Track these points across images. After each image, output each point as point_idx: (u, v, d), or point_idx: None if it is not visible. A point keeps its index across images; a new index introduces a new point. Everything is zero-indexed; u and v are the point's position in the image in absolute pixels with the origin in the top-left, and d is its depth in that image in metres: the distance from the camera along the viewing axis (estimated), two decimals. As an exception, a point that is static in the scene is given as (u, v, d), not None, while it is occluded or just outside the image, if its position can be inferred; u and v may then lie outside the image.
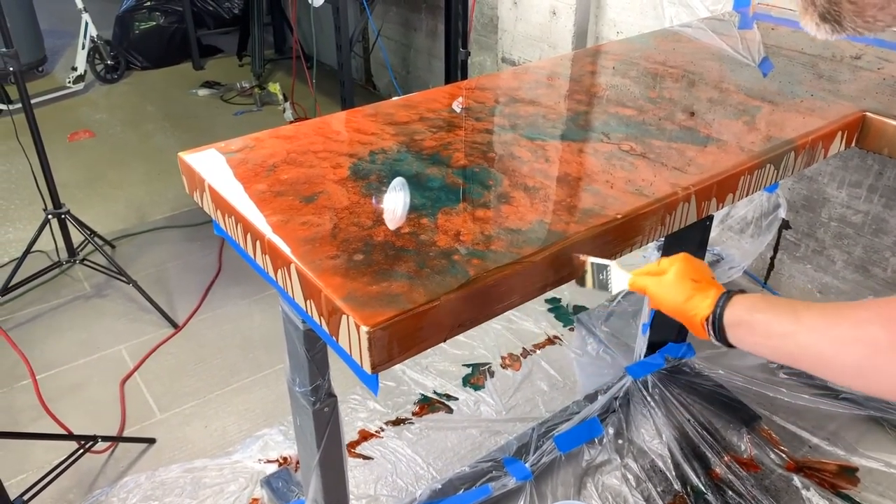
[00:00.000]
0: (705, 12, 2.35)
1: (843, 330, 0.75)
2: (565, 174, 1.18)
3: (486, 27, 3.28)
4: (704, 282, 0.90)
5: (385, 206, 1.09)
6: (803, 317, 0.78)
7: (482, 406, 2.01)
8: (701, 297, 0.87)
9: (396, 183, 1.17)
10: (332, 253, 0.97)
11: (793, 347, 0.79)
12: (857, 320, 0.74)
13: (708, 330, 0.86)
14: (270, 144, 1.28)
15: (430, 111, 1.42)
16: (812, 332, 0.77)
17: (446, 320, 0.91)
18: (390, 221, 1.05)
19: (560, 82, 1.61)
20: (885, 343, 0.71)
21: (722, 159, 1.22)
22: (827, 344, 0.76)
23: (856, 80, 1.63)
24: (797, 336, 0.78)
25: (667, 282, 0.92)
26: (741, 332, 0.84)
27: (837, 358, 0.75)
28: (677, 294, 0.90)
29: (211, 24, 4.79)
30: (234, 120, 3.98)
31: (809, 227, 2.28)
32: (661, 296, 0.92)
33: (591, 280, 1.01)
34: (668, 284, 0.92)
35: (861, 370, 0.73)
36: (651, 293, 0.94)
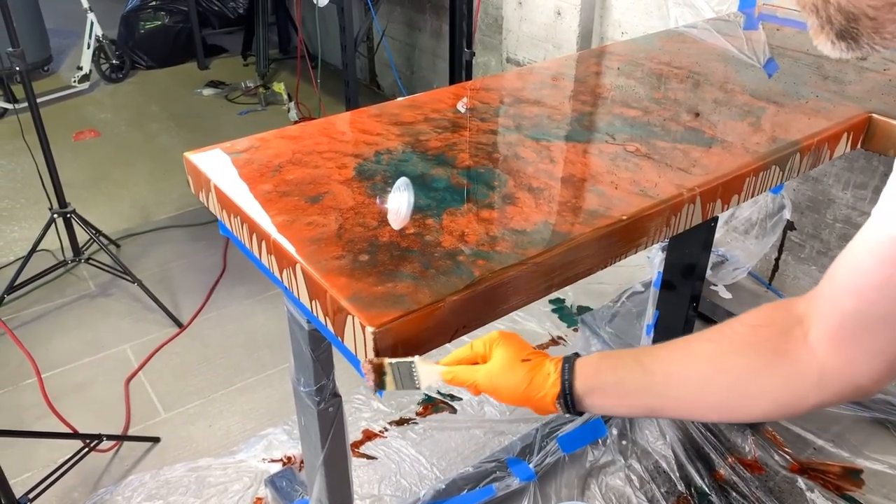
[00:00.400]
0: (710, 13, 2.34)
1: (700, 369, 0.74)
2: (570, 175, 1.18)
3: (491, 27, 3.28)
4: (534, 357, 0.83)
5: (389, 207, 1.10)
6: (653, 367, 0.77)
7: (486, 407, 2.01)
8: (542, 377, 0.81)
9: (400, 183, 1.17)
10: (338, 253, 0.97)
11: (652, 400, 0.77)
12: (711, 356, 0.74)
13: (559, 407, 0.80)
14: (276, 145, 1.28)
15: (435, 112, 1.42)
16: (669, 380, 0.76)
17: (451, 321, 0.91)
18: (394, 222, 1.05)
19: (565, 83, 1.61)
20: (746, 370, 0.71)
21: (727, 160, 1.22)
22: (688, 389, 0.75)
23: (861, 81, 1.62)
24: (654, 389, 0.76)
25: (497, 371, 0.82)
26: (596, 398, 0.79)
27: (702, 399, 0.74)
28: (515, 381, 0.81)
29: (216, 24, 4.80)
30: (238, 119, 3.99)
31: (814, 229, 2.28)
32: (497, 387, 0.82)
33: (393, 382, 0.84)
34: (499, 373, 0.82)
35: (729, 402, 0.73)
36: (483, 387, 0.83)
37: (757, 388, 0.71)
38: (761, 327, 0.72)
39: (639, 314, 2.30)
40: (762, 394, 0.71)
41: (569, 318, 2.38)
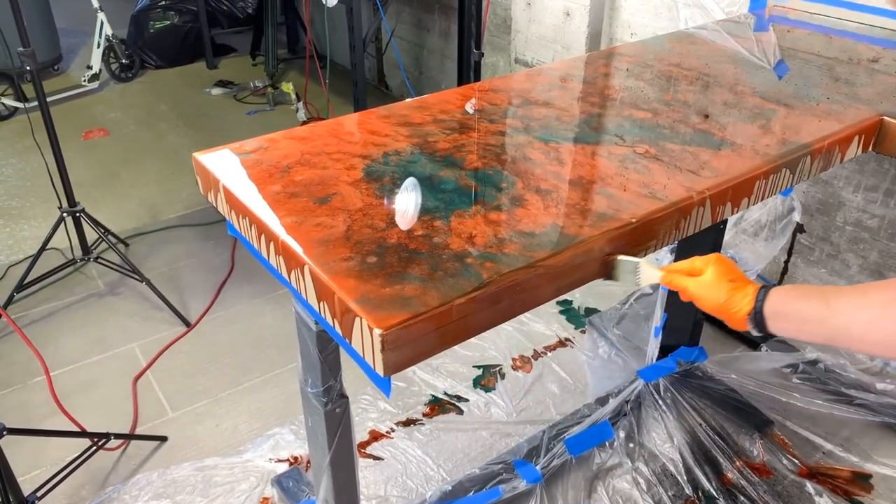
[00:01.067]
0: (721, 14, 2.33)
1: (871, 311, 0.85)
2: (579, 177, 1.17)
3: (500, 28, 3.28)
4: (739, 280, 0.98)
5: (397, 207, 1.10)
6: (833, 302, 0.88)
7: (493, 408, 2.01)
8: (741, 296, 0.96)
9: (408, 184, 1.17)
10: (346, 255, 0.97)
11: (827, 331, 0.89)
12: (884, 301, 0.84)
13: (749, 324, 0.95)
14: (285, 146, 1.28)
15: (444, 113, 1.42)
16: (842, 316, 0.87)
17: (460, 323, 0.90)
18: (402, 222, 1.05)
19: (574, 84, 1.60)
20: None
21: (737, 163, 1.21)
22: (856, 325, 0.86)
23: (873, 83, 1.61)
24: (830, 321, 0.88)
25: (706, 282, 0.99)
26: (779, 321, 0.93)
27: (868, 337, 0.85)
28: (718, 294, 0.98)
29: (225, 24, 4.81)
30: (246, 119, 4.00)
31: (824, 231, 2.27)
32: (702, 296, 1.00)
33: (619, 275, 1.05)
34: (707, 285, 0.99)
35: (891, 345, 0.83)
36: (692, 294, 1.01)
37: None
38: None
39: (647, 316, 2.29)
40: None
41: (576, 319, 2.37)
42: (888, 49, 1.86)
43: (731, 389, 1.97)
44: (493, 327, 0.97)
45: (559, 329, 2.33)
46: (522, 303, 0.97)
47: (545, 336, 2.30)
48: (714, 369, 2.01)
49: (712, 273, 0.99)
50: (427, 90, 4.01)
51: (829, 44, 1.93)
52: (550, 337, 2.30)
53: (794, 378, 2.04)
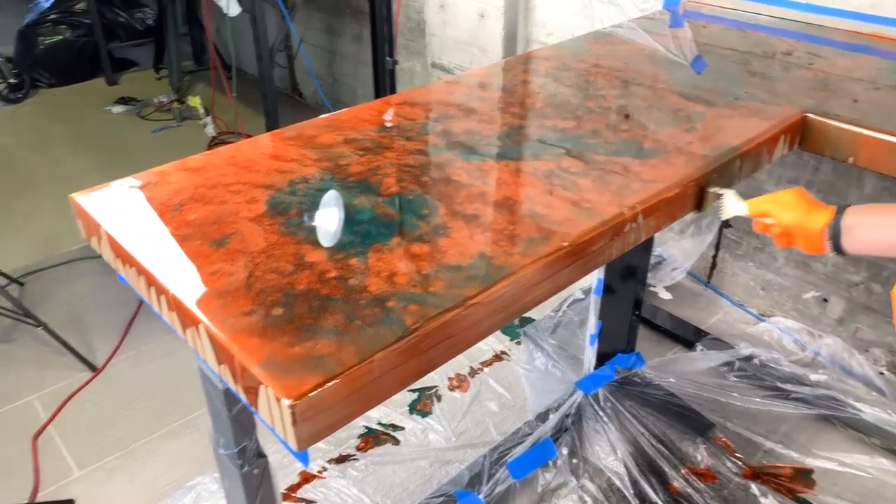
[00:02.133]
0: (636, 12, 2.30)
1: None
2: (505, 198, 1.09)
3: (414, 32, 3.18)
4: (820, 204, 1.06)
5: (318, 225, 1.01)
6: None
7: (430, 434, 1.91)
8: (819, 212, 1.03)
9: (329, 198, 1.07)
10: (247, 308, 0.85)
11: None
12: None
13: (826, 237, 1.01)
14: (177, 178, 1.15)
15: (357, 131, 1.31)
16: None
17: (384, 380, 0.80)
18: (324, 239, 0.97)
19: (493, 93, 1.52)
20: None
21: (667, 173, 1.15)
22: None
23: (789, 77, 1.59)
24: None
25: (787, 201, 1.08)
26: (858, 232, 0.99)
27: None
28: (798, 210, 1.06)
29: (123, 37, 4.53)
30: (152, 137, 3.76)
31: (750, 225, 2.26)
32: (784, 213, 1.07)
33: (708, 206, 1.16)
34: (789, 204, 1.08)
35: None
36: (774, 213, 1.09)
37: None
38: None
39: (581, 322, 2.24)
40: None
41: (511, 331, 2.30)
42: (801, 41, 1.86)
43: (671, 394, 1.93)
44: (425, 375, 0.87)
45: (494, 342, 2.25)
46: (454, 345, 0.87)
47: (481, 351, 2.22)
48: (652, 374, 1.98)
49: (793, 195, 1.08)
50: (343, 97, 3.88)
51: (744, 38, 1.92)
52: (486, 351, 2.22)
53: (731, 376, 2.02)
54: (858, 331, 2.11)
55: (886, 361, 2.08)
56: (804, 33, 1.91)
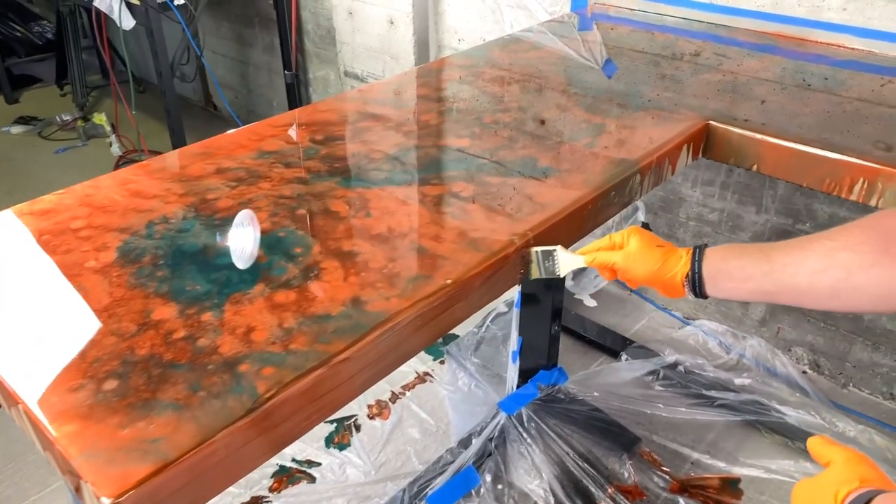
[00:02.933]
0: (544, 15, 2.25)
1: (815, 261, 0.82)
2: (388, 230, 0.99)
3: (325, 39, 3.07)
4: (668, 245, 0.95)
5: (231, 245, 0.94)
6: (774, 256, 0.85)
7: (348, 468, 1.80)
8: (675, 259, 0.93)
9: (242, 217, 1.01)
10: (76, 382, 0.73)
11: (769, 286, 0.86)
12: (826, 250, 0.82)
13: (686, 287, 0.92)
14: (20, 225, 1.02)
15: (232, 158, 1.20)
16: (786, 269, 0.84)
17: (231, 463, 0.70)
18: (239, 261, 0.91)
19: (389, 110, 1.43)
20: (857, 265, 0.79)
21: (562, 195, 1.08)
22: (802, 277, 0.83)
23: (697, 80, 1.55)
24: (772, 275, 0.85)
25: (634, 252, 0.95)
26: (720, 281, 0.90)
27: (813, 287, 0.82)
28: (650, 262, 0.94)
29: (21, 52, 4.26)
30: (55, 159, 3.53)
31: (669, 228, 2.24)
32: (634, 267, 0.95)
33: (536, 269, 0.99)
34: (636, 255, 0.95)
35: (837, 293, 0.81)
36: (620, 267, 0.96)
37: (863, 281, 0.79)
38: (872, 229, 0.80)
39: (504, 338, 2.16)
40: (867, 287, 0.79)
41: (435, 350, 2.21)
42: (708, 42, 1.83)
43: (595, 409, 1.88)
44: (287, 447, 0.77)
45: (417, 363, 2.16)
46: (320, 409, 0.78)
47: (402, 373, 2.12)
48: (576, 389, 1.92)
49: (637, 242, 0.95)
50: (259, 109, 3.73)
51: (652, 40, 1.88)
52: (408, 374, 2.12)
53: (656, 385, 1.98)
54: (780, 331, 2.10)
55: (809, 360, 2.08)
56: (711, 34, 1.88)
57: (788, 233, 1.96)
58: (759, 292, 0.87)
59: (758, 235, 2.02)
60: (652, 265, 0.93)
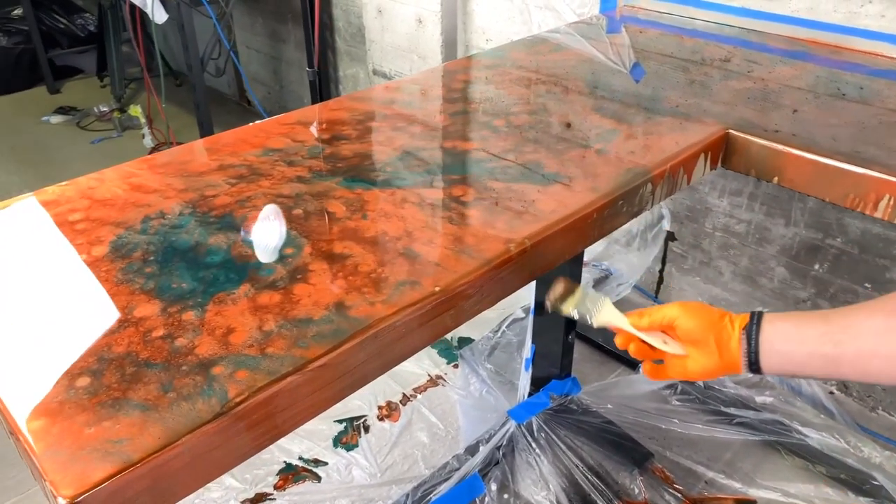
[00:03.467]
0: (572, 16, 2.20)
1: (881, 320, 0.75)
2: (382, 234, 0.97)
3: (355, 37, 3.06)
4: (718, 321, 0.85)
5: (255, 239, 0.95)
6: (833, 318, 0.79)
7: (354, 470, 1.79)
8: (731, 317, 0.85)
9: (268, 211, 1.02)
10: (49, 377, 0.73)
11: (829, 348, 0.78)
12: (892, 309, 0.75)
13: (742, 345, 0.83)
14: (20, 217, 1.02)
15: (235, 155, 1.19)
16: (847, 330, 0.77)
17: (196, 467, 0.68)
18: (264, 256, 0.92)
19: (400, 110, 1.40)
20: None
21: (567, 200, 1.04)
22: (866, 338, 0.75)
23: (726, 86, 1.50)
24: (831, 336, 0.78)
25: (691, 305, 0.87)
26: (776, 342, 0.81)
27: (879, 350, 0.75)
28: (707, 314, 0.85)
29: (64, 44, 4.36)
30: (90, 149, 3.61)
31: (695, 239, 2.18)
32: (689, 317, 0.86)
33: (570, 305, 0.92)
34: (694, 307, 0.86)
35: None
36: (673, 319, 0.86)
37: None
38: None
39: (519, 344, 2.13)
40: None
41: (449, 353, 2.19)
42: (739, 48, 1.77)
43: (608, 422, 1.83)
44: (255, 454, 0.75)
45: (430, 366, 2.14)
46: (293, 417, 0.76)
47: (415, 375, 2.10)
48: (589, 401, 1.87)
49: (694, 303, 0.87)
50: (290, 104, 3.75)
51: (681, 44, 1.82)
52: (421, 376, 2.10)
53: (673, 400, 1.92)
54: (807, 348, 2.03)
55: (836, 380, 2.00)
56: (742, 39, 1.82)
57: (818, 247, 1.88)
58: (817, 356, 0.79)
59: (786, 249, 1.95)
60: (709, 316, 0.85)
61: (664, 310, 0.88)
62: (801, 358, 0.80)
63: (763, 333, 0.82)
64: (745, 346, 0.83)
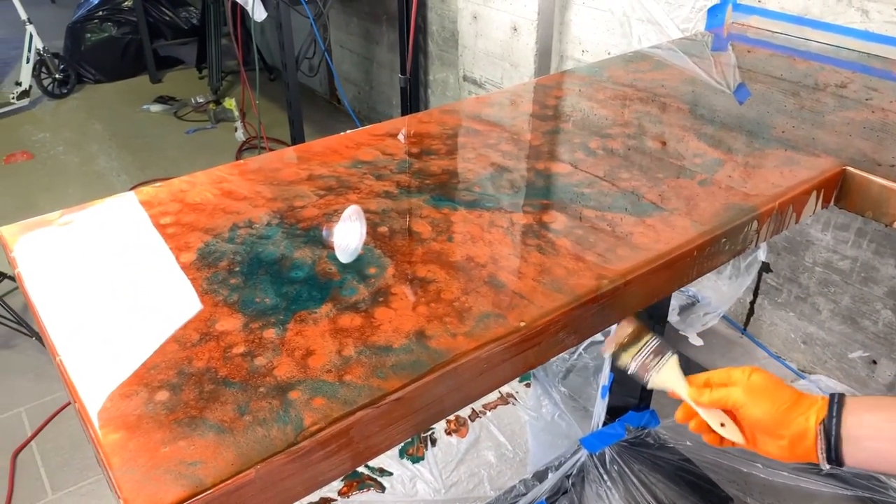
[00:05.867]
0: (676, 32, 2.11)
1: None
2: (468, 259, 0.94)
3: (448, 42, 3.05)
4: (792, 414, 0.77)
5: (336, 240, 0.96)
6: None
7: (419, 483, 1.77)
8: (807, 402, 0.77)
9: (351, 212, 1.02)
10: (130, 388, 0.73)
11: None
12: None
13: (819, 441, 0.76)
14: (111, 216, 1.04)
15: (325, 165, 1.18)
16: None
17: (267, 495, 0.67)
18: (343, 256, 0.93)
19: (493, 126, 1.37)
20: None
21: (665, 235, 0.98)
22: None
23: (840, 116, 1.39)
24: None
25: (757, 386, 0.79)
26: (863, 438, 0.74)
27: None
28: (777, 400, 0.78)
29: (168, 35, 4.55)
30: (185, 139, 3.74)
31: (792, 272, 2.05)
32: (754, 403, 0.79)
33: (629, 355, 0.88)
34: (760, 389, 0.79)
35: None
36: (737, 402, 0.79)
37: None
38: None
39: (596, 369, 2.06)
40: None
41: (521, 370, 2.14)
42: (857, 73, 1.64)
43: (686, 460, 1.74)
44: (326, 484, 0.73)
45: (502, 382, 2.09)
46: (367, 451, 0.73)
47: (486, 390, 2.06)
48: (667, 436, 1.79)
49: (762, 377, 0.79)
50: (378, 105, 3.78)
51: (793, 66, 1.71)
52: (492, 393, 2.06)
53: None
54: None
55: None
56: (862, 64, 1.69)
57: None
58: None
59: (895, 292, 1.81)
60: (780, 403, 0.77)
61: (730, 391, 0.80)
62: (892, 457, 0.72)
63: (846, 428, 0.74)
64: (822, 444, 0.75)
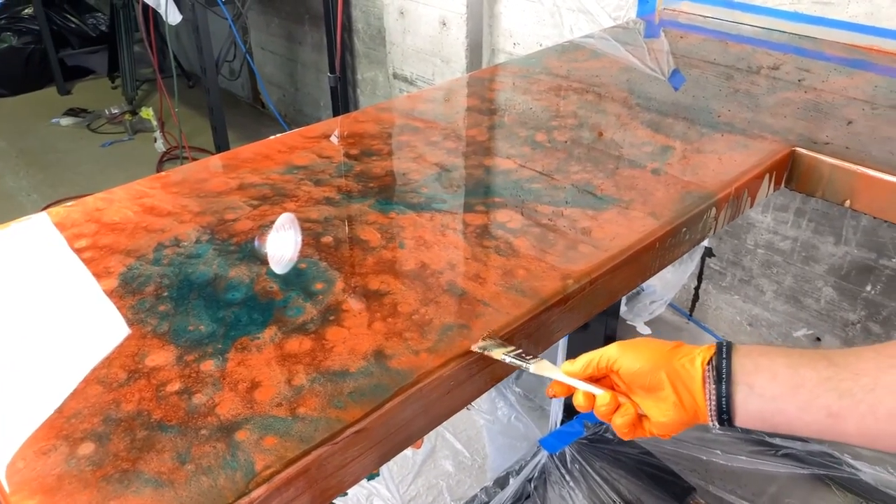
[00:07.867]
0: (607, 20, 2.09)
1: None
2: (422, 266, 0.87)
3: (375, 39, 2.96)
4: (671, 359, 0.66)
5: (270, 251, 0.89)
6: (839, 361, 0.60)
7: (375, 501, 1.69)
8: (690, 347, 0.66)
9: (283, 220, 0.95)
10: (48, 442, 0.63)
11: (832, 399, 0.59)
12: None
13: (708, 386, 0.64)
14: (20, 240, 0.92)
15: (257, 173, 1.09)
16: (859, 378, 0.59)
17: (215, 555, 0.58)
18: (278, 267, 0.86)
19: (431, 123, 1.30)
20: None
21: (625, 230, 0.94)
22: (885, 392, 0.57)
23: (776, 97, 1.38)
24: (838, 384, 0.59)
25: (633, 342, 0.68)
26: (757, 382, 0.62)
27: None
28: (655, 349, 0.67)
29: (75, 44, 4.29)
30: (100, 153, 3.52)
31: (735, 255, 2.06)
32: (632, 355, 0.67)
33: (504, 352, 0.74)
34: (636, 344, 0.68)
35: None
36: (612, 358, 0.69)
37: None
38: None
39: (549, 366, 2.02)
40: None
41: (473, 372, 2.08)
42: (789, 55, 1.65)
43: (646, 452, 1.72)
44: (284, 532, 0.65)
45: (454, 386, 2.03)
46: (326, 491, 0.66)
47: (438, 397, 1.99)
48: (626, 429, 1.76)
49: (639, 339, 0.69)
50: (306, 108, 3.66)
51: (725, 50, 1.71)
52: (444, 397, 2.00)
53: (714, 430, 1.81)
54: (854, 373, 1.91)
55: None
56: (793, 46, 1.70)
57: (870, 268, 1.77)
58: (815, 409, 0.60)
59: (835, 268, 1.84)
60: (659, 348, 0.66)
61: (604, 349, 0.69)
62: (790, 407, 0.61)
63: (737, 372, 0.62)
64: (711, 389, 0.63)
